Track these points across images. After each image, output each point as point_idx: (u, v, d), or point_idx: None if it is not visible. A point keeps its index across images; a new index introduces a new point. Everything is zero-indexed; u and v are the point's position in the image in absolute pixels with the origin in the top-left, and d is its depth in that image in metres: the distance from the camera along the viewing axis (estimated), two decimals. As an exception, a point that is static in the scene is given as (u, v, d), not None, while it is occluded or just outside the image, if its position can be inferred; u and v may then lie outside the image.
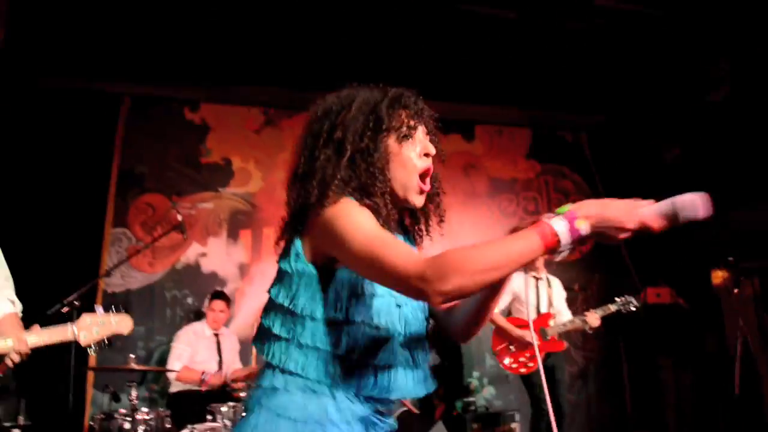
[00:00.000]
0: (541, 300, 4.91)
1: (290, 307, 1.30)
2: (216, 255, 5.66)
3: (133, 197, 5.58)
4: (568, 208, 1.17)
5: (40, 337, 2.30)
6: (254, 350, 4.37)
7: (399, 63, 5.13)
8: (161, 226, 5.47)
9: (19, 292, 2.63)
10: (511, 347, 4.76)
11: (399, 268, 1.13)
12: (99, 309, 2.47)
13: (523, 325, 4.76)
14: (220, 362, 4.83)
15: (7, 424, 4.47)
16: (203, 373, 4.60)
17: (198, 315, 5.36)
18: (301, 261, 1.31)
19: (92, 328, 2.38)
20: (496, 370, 5.72)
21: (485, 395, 5.87)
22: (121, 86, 5.59)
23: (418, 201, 1.43)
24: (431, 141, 1.45)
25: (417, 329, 1.39)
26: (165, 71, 5.48)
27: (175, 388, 4.74)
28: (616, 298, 4.76)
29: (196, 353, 4.81)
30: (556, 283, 5.05)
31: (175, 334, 4.92)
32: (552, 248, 1.14)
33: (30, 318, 2.57)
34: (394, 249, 1.17)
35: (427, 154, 1.44)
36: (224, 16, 5.08)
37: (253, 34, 5.23)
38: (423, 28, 5.22)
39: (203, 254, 5.65)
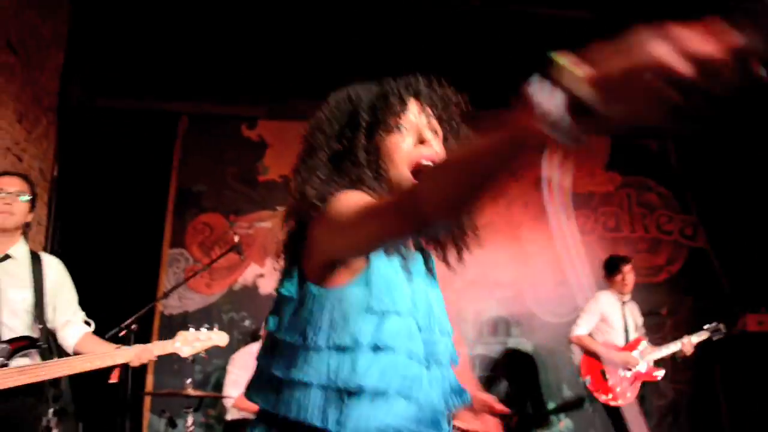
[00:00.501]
0: (629, 324, 4.70)
1: (291, 339, 1.12)
2: (274, 276, 5.42)
3: (190, 217, 5.63)
4: (566, 62, 0.69)
5: (148, 352, 2.69)
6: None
7: (463, 68, 4.84)
8: (219, 246, 5.49)
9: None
10: (605, 374, 4.50)
11: (381, 205, 1.01)
12: (192, 329, 2.88)
13: (617, 349, 4.57)
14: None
15: (65, 448, 4.56)
16: None
17: (255, 337, 5.28)
18: (301, 282, 1.16)
19: (194, 342, 2.77)
20: (575, 401, 5.45)
21: (562, 429, 5.54)
22: (178, 105, 5.67)
23: None
24: (443, 127, 1.28)
25: (444, 360, 1.21)
26: (222, 89, 5.53)
27: (231, 415, 4.68)
28: (705, 326, 4.58)
29: (252, 378, 4.73)
30: (636, 309, 4.84)
31: (231, 357, 4.83)
32: (533, 127, 0.70)
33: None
34: (377, 199, 1.11)
35: (423, 141, 1.24)
36: (279, 30, 5.08)
37: (309, 47, 5.19)
38: (488, 33, 5.07)
39: (261, 275, 5.61)
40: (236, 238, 4.47)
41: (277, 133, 5.89)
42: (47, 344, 2.70)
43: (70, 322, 2.82)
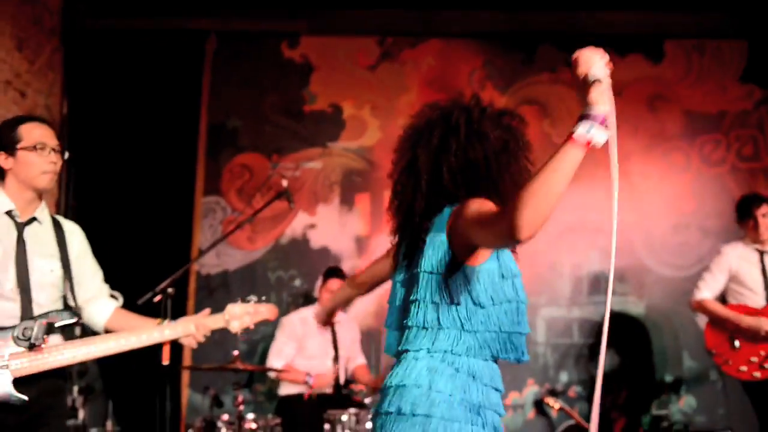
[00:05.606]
0: None
1: (448, 302, 1.75)
2: (327, 226, 5.59)
3: (226, 159, 5.65)
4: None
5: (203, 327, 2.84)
6: (382, 346, 4.35)
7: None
8: (261, 192, 5.53)
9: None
10: (736, 343, 4.42)
11: (495, 217, 1.59)
12: (240, 301, 3.02)
13: (751, 313, 4.42)
14: (336, 357, 4.69)
15: (94, 430, 4.73)
16: (307, 374, 4.53)
17: (308, 300, 5.33)
18: (451, 260, 1.75)
19: (243, 316, 2.92)
20: (699, 373, 5.44)
21: (682, 407, 5.49)
22: (204, 22, 5.60)
23: None
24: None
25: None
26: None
27: (284, 390, 4.78)
28: None
29: (304, 347, 4.79)
30: None
31: (279, 320, 4.85)
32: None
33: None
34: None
35: None
36: None
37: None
38: None
39: (312, 226, 5.60)
40: (284, 183, 4.55)
41: (324, 51, 5.79)
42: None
43: (96, 298, 2.84)
